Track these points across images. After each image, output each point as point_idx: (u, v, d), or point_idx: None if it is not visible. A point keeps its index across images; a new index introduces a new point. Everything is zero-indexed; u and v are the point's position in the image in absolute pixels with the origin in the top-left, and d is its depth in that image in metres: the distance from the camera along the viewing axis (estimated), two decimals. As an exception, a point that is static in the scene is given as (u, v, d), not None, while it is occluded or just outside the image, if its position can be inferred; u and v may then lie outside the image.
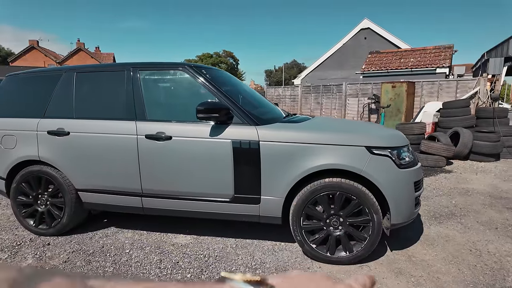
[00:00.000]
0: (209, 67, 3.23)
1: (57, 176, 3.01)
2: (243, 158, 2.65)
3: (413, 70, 12.63)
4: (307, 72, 19.30)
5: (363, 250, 2.57)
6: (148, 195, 2.88)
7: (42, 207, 3.14)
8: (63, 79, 3.13)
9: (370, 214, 2.51)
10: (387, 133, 2.76)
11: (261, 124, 2.69)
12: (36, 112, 3.11)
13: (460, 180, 5.27)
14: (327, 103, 11.79)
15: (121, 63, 3.10)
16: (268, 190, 2.65)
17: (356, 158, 2.48)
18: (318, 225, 2.63)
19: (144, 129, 2.80)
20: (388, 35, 16.25)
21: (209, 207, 2.79)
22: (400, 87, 9.11)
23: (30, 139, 3.05)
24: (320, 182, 2.55)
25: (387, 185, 2.47)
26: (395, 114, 9.25)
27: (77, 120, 2.98)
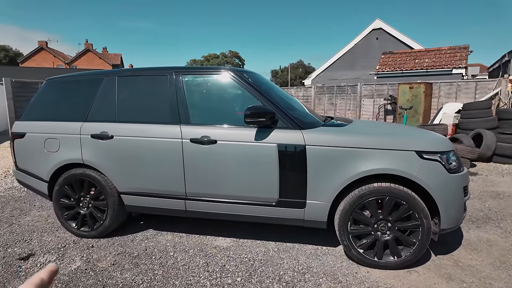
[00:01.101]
0: (250, 71, 3.23)
1: (100, 179, 3.04)
2: (288, 162, 2.65)
3: (428, 71, 12.53)
4: (318, 72, 19.24)
5: (411, 255, 2.56)
6: (191, 198, 2.90)
7: (84, 210, 3.18)
8: (105, 83, 3.16)
9: (420, 219, 2.50)
10: (435, 137, 2.74)
11: (305, 128, 2.69)
12: (78, 116, 3.15)
13: (488, 182, 5.22)
14: (341, 104, 11.76)
15: (164, 67, 3.12)
16: (314, 194, 2.65)
17: (406, 162, 2.47)
18: (366, 230, 2.62)
19: (189, 133, 2.82)
20: (400, 35, 16.14)
21: (254, 210, 2.80)
22: (418, 88, 9.05)
23: (73, 142, 3.09)
24: (369, 187, 2.54)
25: (438, 190, 2.46)
26: (412, 116, 9.19)
27: (120, 124, 3.01)
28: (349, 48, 17.60)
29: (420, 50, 14.15)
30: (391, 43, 16.08)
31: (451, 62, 12.29)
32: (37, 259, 2.81)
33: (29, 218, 3.75)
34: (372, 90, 10.97)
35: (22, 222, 3.63)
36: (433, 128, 7.05)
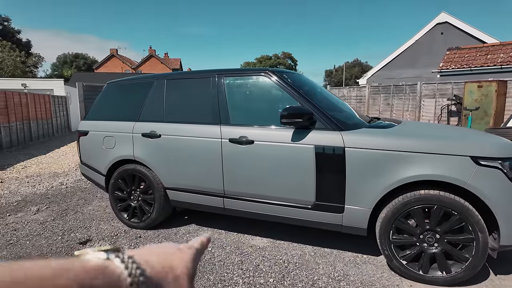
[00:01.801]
0: (290, 71, 3.21)
1: (149, 175, 3.28)
2: (326, 164, 2.57)
3: (503, 67, 11.10)
4: (374, 71, 18.28)
5: (463, 272, 2.30)
6: (229, 196, 2.97)
7: (134, 202, 3.45)
8: (155, 86, 3.40)
9: (474, 233, 2.24)
10: (496, 141, 2.43)
11: (345, 130, 2.58)
12: (132, 116, 3.43)
13: None
14: (399, 105, 11.00)
15: (207, 70, 3.25)
16: (353, 199, 2.53)
17: (459, 169, 2.23)
18: (410, 240, 2.43)
19: (228, 133, 2.90)
20: (470, 28, 14.57)
21: (289, 212, 2.77)
22: (489, 87, 8.08)
23: (127, 140, 3.37)
24: (415, 194, 2.35)
25: (497, 201, 2.18)
26: (481, 118, 8.24)
27: (167, 123, 3.21)
28: (410, 45, 16.43)
29: (494, 44, 12.59)
30: (458, 37, 14.60)
31: (533, 57, 10.71)
32: (93, 244, 3.13)
33: (91, 207, 4.20)
34: (434, 90, 10.08)
35: (85, 210, 4.08)
36: (505, 132, 6.24)
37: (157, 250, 0.38)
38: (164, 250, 0.39)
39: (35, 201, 4.52)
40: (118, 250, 0.33)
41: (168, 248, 0.39)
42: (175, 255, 0.38)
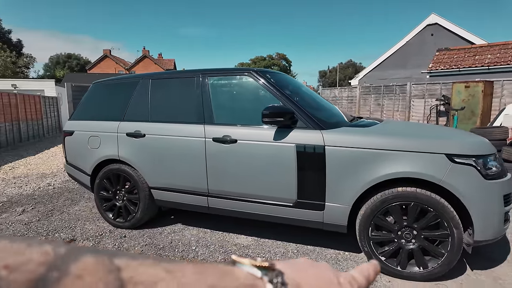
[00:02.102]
0: (273, 71, 3.25)
1: (133, 174, 3.29)
2: (307, 162, 2.61)
3: (490, 68, 11.28)
4: (365, 72, 18.43)
5: (439, 267, 2.36)
6: (213, 195, 3.00)
7: (119, 202, 3.45)
8: (140, 86, 3.41)
9: (449, 229, 2.29)
10: (471, 139, 2.49)
11: (326, 128, 2.62)
12: (117, 116, 3.44)
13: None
14: (389, 105, 11.12)
15: (192, 70, 3.28)
16: (334, 197, 2.57)
17: (434, 166, 2.28)
18: (389, 236, 2.47)
19: (212, 132, 2.92)
20: (459, 30, 14.78)
21: (271, 210, 2.80)
22: (476, 87, 8.22)
23: (112, 140, 3.38)
24: (392, 191, 2.39)
25: (470, 198, 2.23)
26: (469, 117, 8.37)
27: (152, 123, 3.22)
28: (401, 46, 16.60)
29: (482, 46, 12.79)
30: (448, 39, 14.80)
31: (519, 58, 10.91)
32: (77, 244, 3.12)
33: (77, 208, 4.18)
34: (423, 90, 10.22)
35: (71, 211, 4.06)
36: (491, 131, 6.36)
37: (313, 275, 0.32)
38: (322, 277, 0.33)
39: (21, 202, 4.49)
40: (272, 269, 0.30)
41: (326, 276, 0.33)
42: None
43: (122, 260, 0.23)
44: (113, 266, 0.22)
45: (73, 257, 0.22)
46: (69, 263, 0.21)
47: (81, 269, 0.21)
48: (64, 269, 0.21)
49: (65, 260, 0.21)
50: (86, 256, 0.22)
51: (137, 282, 0.22)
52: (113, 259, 0.23)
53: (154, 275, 0.23)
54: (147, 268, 0.24)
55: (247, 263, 0.30)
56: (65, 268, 0.21)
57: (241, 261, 0.30)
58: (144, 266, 0.24)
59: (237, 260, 0.30)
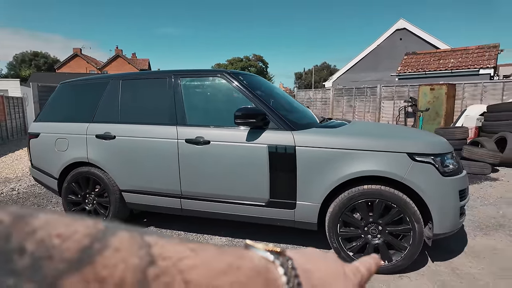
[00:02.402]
0: (246, 73, 3.30)
1: (104, 177, 3.21)
2: (279, 163, 2.67)
3: (453, 71, 11.98)
4: (339, 74, 18.95)
5: (403, 260, 2.49)
6: (186, 197, 2.99)
7: (89, 206, 3.36)
8: (110, 86, 3.34)
9: (411, 223, 2.43)
10: (430, 139, 2.66)
11: (297, 129, 2.70)
12: (86, 117, 3.35)
13: (508, 188, 4.92)
14: (360, 106, 11.51)
15: (164, 70, 3.26)
16: (304, 195, 2.65)
17: (397, 164, 2.42)
18: (356, 232, 2.59)
19: (184, 134, 2.92)
20: (425, 35, 15.56)
21: (245, 210, 2.84)
22: (440, 90, 8.69)
23: (80, 142, 3.28)
24: (359, 189, 2.51)
25: (429, 194, 2.38)
26: (434, 118, 8.84)
27: (123, 124, 3.17)
28: (372, 49, 17.21)
29: (446, 50, 13.55)
30: (415, 43, 15.54)
31: (478, 62, 11.66)
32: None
33: (44, 213, 4.01)
34: (393, 92, 10.66)
35: (38, 216, 3.89)
36: (452, 131, 6.76)
37: (322, 263, 0.34)
38: (329, 266, 0.34)
39: (-18, 208, 4.24)
40: (283, 254, 0.31)
41: (334, 266, 0.34)
42: (339, 280, 0.33)
43: (152, 238, 0.25)
44: (144, 242, 0.24)
45: (111, 232, 0.23)
46: (109, 237, 0.23)
47: (118, 243, 0.23)
48: (105, 242, 0.22)
49: (105, 234, 0.23)
50: (122, 232, 0.24)
51: (166, 258, 0.23)
52: (144, 236, 0.25)
53: (180, 252, 0.25)
54: (174, 246, 0.25)
55: (261, 248, 0.31)
56: (105, 241, 0.22)
57: (254, 245, 0.31)
58: (171, 244, 0.25)
59: (250, 244, 0.32)
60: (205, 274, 0.24)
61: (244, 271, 0.26)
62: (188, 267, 0.24)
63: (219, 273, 0.25)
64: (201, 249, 0.26)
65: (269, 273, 0.28)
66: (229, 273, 0.25)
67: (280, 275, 0.28)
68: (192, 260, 0.24)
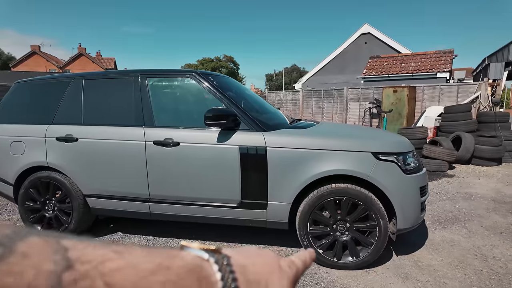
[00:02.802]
0: (216, 73, 3.27)
1: (65, 182, 3.04)
2: (250, 164, 2.68)
3: (413, 74, 12.69)
4: (308, 76, 19.38)
5: (369, 255, 2.59)
6: (155, 201, 2.91)
7: (49, 213, 3.16)
8: (72, 86, 3.17)
9: (377, 219, 2.53)
10: (393, 139, 2.79)
11: (267, 130, 2.72)
12: (44, 119, 3.15)
13: (463, 184, 5.29)
14: (329, 108, 11.84)
15: (130, 70, 3.15)
16: (275, 195, 2.67)
17: (362, 163, 2.51)
18: (325, 230, 2.65)
19: (152, 135, 2.84)
20: (388, 40, 16.35)
21: (216, 212, 2.82)
22: (402, 92, 9.16)
23: (39, 145, 3.08)
24: (327, 188, 2.57)
25: (393, 191, 2.50)
26: (397, 119, 9.29)
27: (86, 126, 3.02)
28: (339, 53, 17.79)
29: (406, 54, 14.34)
30: (379, 47, 16.28)
31: (436, 66, 12.47)
32: None
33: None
34: (358, 94, 11.08)
35: (-10, 226, 3.60)
36: (413, 131, 7.14)
37: (258, 259, 0.34)
38: (264, 261, 0.35)
39: None
40: (218, 252, 0.31)
41: (269, 260, 0.35)
42: (274, 273, 0.34)
43: (69, 242, 0.23)
44: (60, 246, 0.23)
45: (19, 237, 0.22)
46: (15, 242, 0.21)
47: (27, 248, 0.21)
48: (10, 247, 0.21)
49: (11, 239, 0.21)
50: (33, 236, 0.22)
51: (85, 261, 0.22)
52: (60, 241, 0.23)
53: (102, 255, 0.24)
54: (95, 249, 0.24)
55: (196, 247, 0.31)
56: (10, 246, 0.21)
57: (189, 245, 0.31)
58: (91, 247, 0.24)
59: (185, 245, 0.31)
60: (131, 275, 0.23)
61: (175, 270, 0.26)
62: (111, 270, 0.23)
63: (147, 274, 0.24)
64: (126, 251, 0.25)
65: (203, 270, 0.28)
66: (158, 273, 0.25)
67: (214, 272, 0.29)
68: (116, 263, 0.24)
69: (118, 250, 0.25)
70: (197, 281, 0.27)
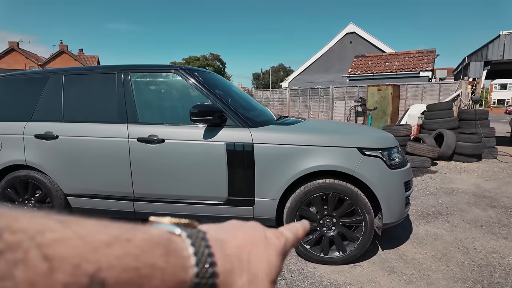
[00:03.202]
0: (202, 69, 3.22)
1: (45, 181, 2.94)
2: (237, 160, 2.65)
3: (397, 73, 12.94)
4: (294, 75, 19.48)
5: (356, 250, 2.61)
6: (140, 199, 2.84)
7: (28, 213, 3.05)
8: (51, 82, 3.06)
9: (363, 214, 2.56)
10: (378, 135, 2.82)
11: (254, 127, 2.70)
12: (22, 116, 3.03)
13: (445, 180, 5.43)
14: (315, 106, 11.93)
15: (112, 65, 3.06)
16: (262, 192, 2.65)
17: (348, 159, 2.53)
18: (312, 226, 2.65)
19: (136, 132, 2.77)
20: (372, 39, 16.61)
21: (203, 210, 2.78)
22: (386, 90, 9.31)
23: (16, 143, 2.97)
24: (314, 184, 2.58)
25: (378, 185, 2.53)
26: (381, 117, 9.44)
27: (66, 123, 2.92)
28: (324, 52, 17.95)
29: (391, 54, 14.61)
30: (364, 46, 16.52)
31: (419, 65, 12.76)
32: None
33: (-26, 224, 3.56)
34: (344, 93, 11.21)
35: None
36: (397, 129, 7.27)
37: (239, 232, 0.31)
38: (247, 233, 0.32)
39: None
40: (192, 226, 0.28)
41: (252, 232, 0.32)
42: (258, 245, 0.31)
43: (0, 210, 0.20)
44: None
45: None
46: None
47: None
48: None
49: None
50: None
51: (16, 231, 0.19)
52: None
53: (42, 224, 0.20)
54: (33, 218, 0.20)
55: (166, 222, 0.28)
56: None
57: (159, 220, 0.28)
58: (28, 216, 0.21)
59: (154, 220, 0.28)
60: (77, 247, 0.20)
61: (136, 243, 0.23)
62: (51, 241, 0.20)
63: (100, 246, 0.21)
64: (75, 222, 0.22)
65: (171, 243, 0.25)
66: (115, 245, 0.22)
67: (186, 245, 0.26)
68: (60, 233, 0.20)
69: (63, 220, 0.22)
70: (165, 255, 0.24)
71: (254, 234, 0.32)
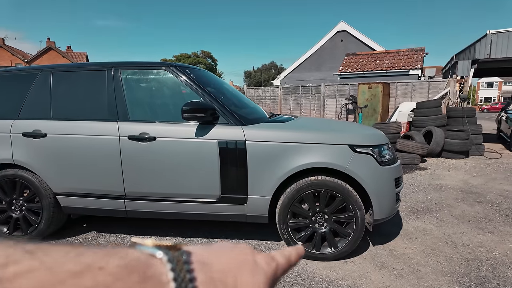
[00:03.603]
0: (193, 66, 3.20)
1: (34, 180, 2.88)
2: (229, 158, 2.65)
3: (387, 71, 13.08)
4: (286, 73, 19.50)
5: (347, 246, 2.65)
6: (131, 198, 2.82)
7: (17, 213, 2.99)
8: (39, 79, 3.00)
9: (354, 211, 2.59)
10: (369, 132, 2.85)
11: (247, 124, 2.70)
12: (9, 113, 2.96)
13: (434, 176, 5.53)
14: (306, 104, 11.98)
15: (102, 62, 3.01)
16: (255, 189, 2.66)
17: (340, 156, 2.55)
18: (304, 222, 2.68)
19: (127, 130, 2.74)
20: (363, 37, 16.74)
21: (196, 208, 2.77)
22: (376, 88, 9.41)
23: (3, 141, 2.90)
24: (306, 181, 2.59)
25: (369, 182, 2.56)
26: (371, 114, 9.54)
27: (55, 121, 2.87)
28: (316, 50, 18.00)
29: (381, 52, 14.76)
30: (355, 44, 16.63)
31: (408, 64, 12.93)
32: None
33: (-41, 224, 3.48)
34: (335, 91, 11.28)
35: (-50, 229, 3.36)
36: (387, 126, 7.36)
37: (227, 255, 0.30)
38: (234, 257, 0.30)
39: None
40: (175, 249, 0.27)
41: (240, 256, 0.31)
42: (245, 269, 0.29)
43: None
44: None
45: None
46: None
47: None
48: None
49: None
50: None
51: None
52: None
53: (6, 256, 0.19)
54: None
55: (149, 244, 0.27)
56: None
57: (141, 243, 0.27)
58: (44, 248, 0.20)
59: (137, 242, 0.27)
60: (43, 280, 0.19)
61: (109, 270, 0.22)
62: (14, 274, 0.19)
63: (68, 277, 0.20)
64: (43, 251, 0.21)
65: (149, 269, 0.24)
66: (85, 275, 0.21)
67: (166, 270, 0.25)
68: (24, 265, 0.19)
69: (30, 250, 0.21)
70: (141, 282, 0.23)
71: (242, 258, 0.31)
